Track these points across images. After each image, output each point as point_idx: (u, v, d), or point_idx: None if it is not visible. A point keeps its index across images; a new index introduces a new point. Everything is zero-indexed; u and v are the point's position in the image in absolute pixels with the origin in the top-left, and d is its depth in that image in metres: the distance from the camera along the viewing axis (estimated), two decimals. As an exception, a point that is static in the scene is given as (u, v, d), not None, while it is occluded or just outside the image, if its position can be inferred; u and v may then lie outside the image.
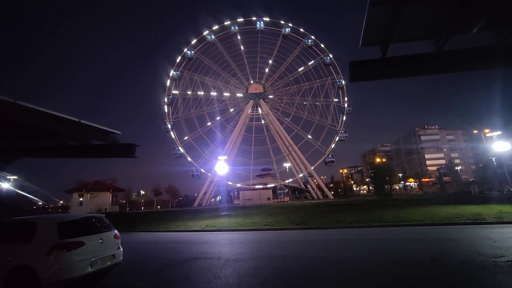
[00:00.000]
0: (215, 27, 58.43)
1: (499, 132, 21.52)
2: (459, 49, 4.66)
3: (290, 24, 57.94)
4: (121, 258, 6.49)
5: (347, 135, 55.56)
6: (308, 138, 57.25)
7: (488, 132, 23.82)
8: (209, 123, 57.60)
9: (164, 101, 56.15)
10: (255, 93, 58.60)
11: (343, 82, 56.01)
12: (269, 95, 60.14)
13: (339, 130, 55.36)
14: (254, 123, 60.37)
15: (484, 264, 5.96)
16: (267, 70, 59.51)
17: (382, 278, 5.61)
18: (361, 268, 6.35)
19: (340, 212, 19.95)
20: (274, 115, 59.12)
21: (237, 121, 59.34)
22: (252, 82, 59.52)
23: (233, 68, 58.90)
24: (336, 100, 56.63)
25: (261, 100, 59.18)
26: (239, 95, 59.30)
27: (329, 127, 56.33)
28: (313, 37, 57.10)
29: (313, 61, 57.89)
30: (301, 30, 57.72)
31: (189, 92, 57.06)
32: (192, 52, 57.67)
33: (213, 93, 57.84)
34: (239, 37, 58.79)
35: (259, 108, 60.40)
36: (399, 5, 4.05)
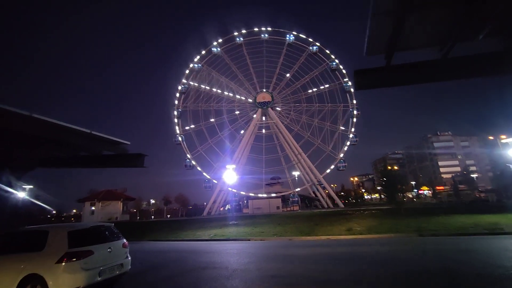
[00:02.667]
0: (244, 31, 59.70)
1: (515, 138, 20.81)
2: (465, 56, 4.61)
3: (317, 44, 58.00)
4: (129, 267, 6.54)
5: (346, 164, 54.47)
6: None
7: (504, 138, 23.07)
8: (212, 119, 58.35)
9: (178, 89, 57.60)
10: (263, 101, 58.95)
11: (355, 112, 54.98)
12: (277, 106, 60.39)
13: (337, 158, 54.26)
14: (257, 131, 60.58)
15: (502, 277, 5.70)
16: (282, 82, 59.83)
17: (393, 290, 5.44)
18: (371, 281, 6.17)
19: (350, 221, 19.53)
20: (284, 122, 59.22)
21: (241, 125, 60.18)
22: (264, 90, 60.00)
23: (251, 73, 59.78)
24: (343, 128, 55.63)
25: (270, 108, 59.47)
26: (249, 100, 59.87)
27: (329, 153, 55.45)
28: (337, 60, 56.90)
29: (330, 85, 57.37)
30: (327, 51, 57.67)
31: (203, 86, 58.18)
32: (218, 49, 58.98)
33: (225, 93, 58.82)
34: (265, 44, 59.58)
35: (267, 117, 60.71)
36: (401, 14, 4.06)
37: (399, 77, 4.88)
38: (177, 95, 57.54)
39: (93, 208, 53.08)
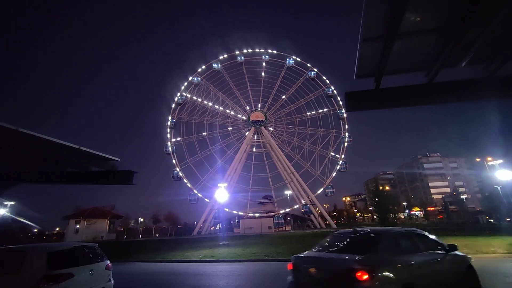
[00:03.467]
0: (246, 50, 61.35)
1: (501, 161, 21.37)
2: (449, 81, 4.82)
3: (315, 69, 59.40)
4: (112, 291, 6.18)
5: (333, 190, 54.79)
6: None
7: (490, 160, 23.65)
8: (204, 133, 58.72)
9: (175, 100, 57.94)
10: (256, 120, 59.60)
11: (347, 139, 55.83)
12: (270, 126, 61.22)
13: (325, 183, 54.58)
14: (250, 150, 60.79)
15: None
16: (277, 103, 60.84)
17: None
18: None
19: (343, 242, 19.20)
20: (276, 142, 59.59)
21: (233, 141, 60.37)
22: (259, 109, 60.90)
23: (248, 91, 60.94)
24: (333, 154, 56.41)
25: (263, 127, 60.07)
26: (243, 117, 60.57)
27: (317, 177, 55.74)
28: (333, 87, 58.20)
29: (325, 110, 58.35)
30: (324, 78, 59.12)
31: (199, 99, 58.85)
32: (219, 65, 60.18)
33: (221, 108, 59.80)
34: (264, 65, 61.03)
35: (259, 135, 61.21)
36: (389, 40, 4.27)
37: (387, 100, 5.03)
38: (173, 105, 58.00)
39: (77, 226, 50.87)
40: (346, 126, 56.53)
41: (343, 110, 56.19)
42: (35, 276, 4.93)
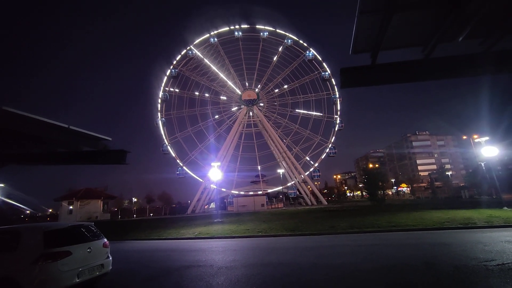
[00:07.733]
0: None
1: (487, 138, 22.01)
2: (446, 57, 4.78)
3: (328, 71, 57.18)
4: (110, 267, 6.32)
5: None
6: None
7: (476, 138, 24.34)
8: (196, 92, 59.16)
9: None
10: (248, 99, 58.90)
11: (328, 149, 55.89)
12: (261, 109, 60.94)
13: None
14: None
15: (476, 268, 6.01)
16: (278, 90, 60.12)
17: (375, 284, 5.59)
18: (355, 274, 6.32)
19: (333, 218, 19.95)
20: (268, 121, 59.44)
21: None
22: (257, 90, 60.24)
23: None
24: (308, 159, 57.67)
25: (255, 106, 59.51)
26: (238, 91, 60.04)
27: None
28: (338, 94, 56.66)
29: (319, 114, 57.80)
30: (333, 82, 57.50)
31: (206, 60, 58.20)
32: (240, 33, 58.75)
33: (221, 75, 59.27)
34: (280, 48, 59.18)
35: (248, 114, 61.09)
36: (387, 13, 4.14)
37: (383, 76, 4.98)
38: (179, 57, 57.33)
39: (71, 207, 50.84)
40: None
41: (338, 121, 55.79)
42: (33, 254, 4.98)
